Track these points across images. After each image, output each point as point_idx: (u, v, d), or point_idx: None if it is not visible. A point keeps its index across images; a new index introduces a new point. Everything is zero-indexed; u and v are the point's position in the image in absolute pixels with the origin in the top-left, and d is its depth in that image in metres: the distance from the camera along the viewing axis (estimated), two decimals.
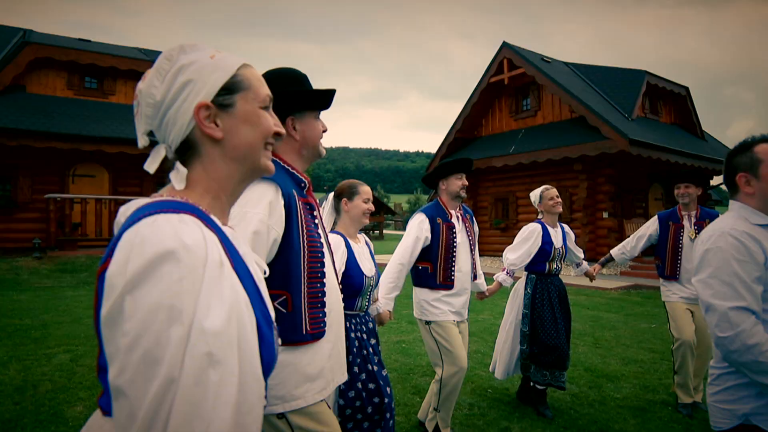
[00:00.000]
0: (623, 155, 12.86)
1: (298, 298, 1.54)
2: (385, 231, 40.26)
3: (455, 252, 3.13)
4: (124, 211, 0.83)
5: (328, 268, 1.64)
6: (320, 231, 1.64)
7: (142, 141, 0.90)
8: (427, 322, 3.15)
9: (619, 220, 14.03)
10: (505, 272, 3.74)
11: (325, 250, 1.64)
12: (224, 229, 0.86)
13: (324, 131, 1.74)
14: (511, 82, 15.78)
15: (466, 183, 3.27)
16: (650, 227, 4.12)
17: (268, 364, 0.83)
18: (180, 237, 0.71)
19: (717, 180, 18.35)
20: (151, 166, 0.88)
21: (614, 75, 15.88)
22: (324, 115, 1.78)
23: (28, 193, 12.94)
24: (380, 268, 2.65)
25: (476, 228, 3.46)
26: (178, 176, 0.87)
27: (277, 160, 1.61)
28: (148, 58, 14.93)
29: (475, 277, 3.35)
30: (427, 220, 3.16)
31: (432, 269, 3.11)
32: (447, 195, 3.26)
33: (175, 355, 0.65)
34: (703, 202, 17.87)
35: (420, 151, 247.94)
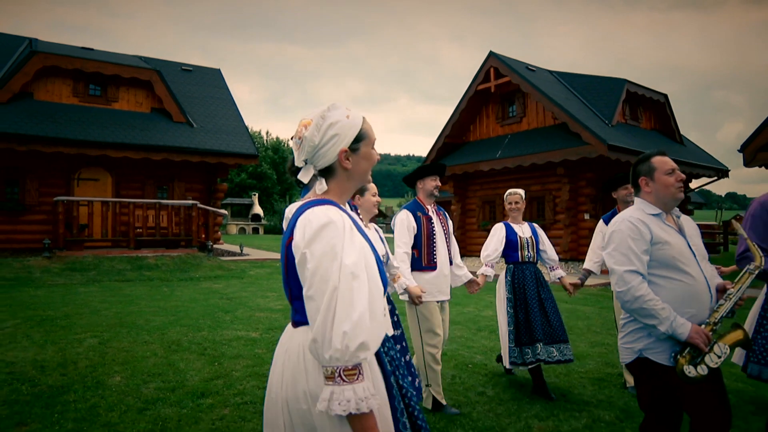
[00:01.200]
0: (603, 159, 13.61)
1: None
2: None
3: (435, 239, 3.80)
4: (291, 209, 1.46)
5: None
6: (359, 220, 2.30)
7: (300, 164, 1.48)
8: (414, 305, 3.80)
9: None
10: (485, 266, 4.39)
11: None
12: (349, 213, 1.48)
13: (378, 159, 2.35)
14: (498, 89, 16.53)
15: (439, 184, 3.92)
16: (602, 230, 4.66)
17: (384, 280, 1.46)
18: (329, 216, 1.33)
19: (696, 183, 19.21)
20: (304, 177, 1.47)
21: (596, 83, 16.67)
22: None
23: (35, 196, 13.48)
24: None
25: (449, 222, 4.12)
26: (321, 186, 1.47)
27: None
28: (149, 66, 15.52)
29: (451, 262, 4.01)
30: (410, 213, 3.83)
31: (418, 254, 3.77)
32: (423, 193, 3.92)
33: (335, 275, 1.27)
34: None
35: (411, 154, 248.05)
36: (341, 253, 1.29)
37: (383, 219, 45.70)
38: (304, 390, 1.35)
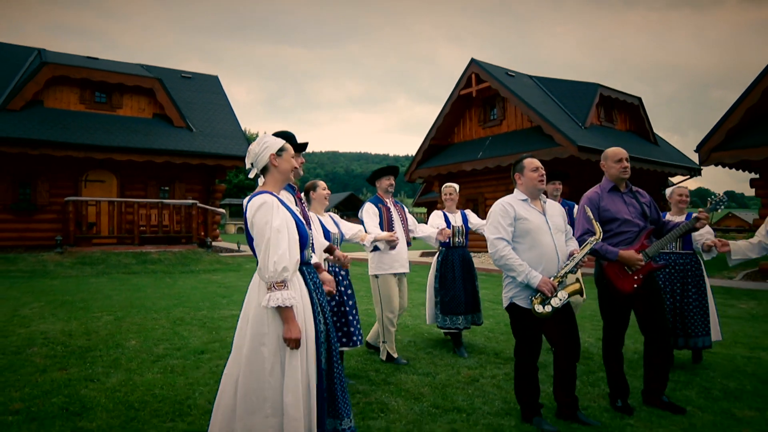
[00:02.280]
0: (574, 159, 14.60)
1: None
2: None
3: (393, 225, 4.80)
4: (247, 199, 2.46)
5: (314, 231, 3.32)
6: (305, 209, 3.29)
7: (248, 166, 2.52)
8: (375, 276, 4.81)
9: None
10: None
11: (310, 219, 3.30)
12: (280, 197, 2.49)
13: (303, 162, 3.36)
14: (479, 94, 17.54)
15: (392, 182, 4.90)
16: None
17: (304, 238, 2.47)
18: (264, 199, 2.34)
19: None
20: (251, 174, 2.52)
21: (571, 87, 17.68)
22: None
23: (46, 196, 14.48)
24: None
25: (406, 212, 5.11)
26: (261, 181, 2.50)
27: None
28: (151, 74, 16.52)
29: (409, 244, 5.00)
30: (372, 205, 4.83)
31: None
32: (381, 190, 4.92)
33: (268, 231, 2.28)
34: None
35: (409, 155, 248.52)
36: (271, 220, 2.31)
37: None
38: (257, 298, 2.35)
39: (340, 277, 4.17)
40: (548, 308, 3.20)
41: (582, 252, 3.35)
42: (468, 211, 5.60)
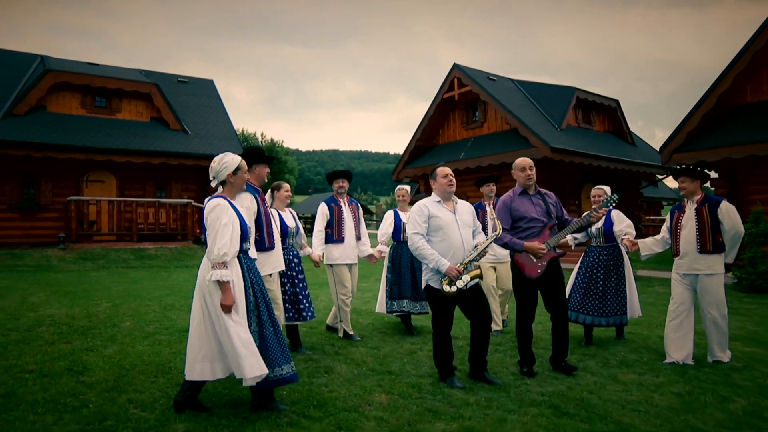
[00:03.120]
0: (549, 160, 15.42)
1: (270, 234, 4.04)
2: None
3: (344, 222, 5.63)
4: (207, 201, 3.31)
5: (274, 228, 4.15)
6: (267, 210, 4.13)
7: (211, 179, 3.40)
8: (330, 266, 5.65)
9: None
10: (380, 244, 6.17)
11: (271, 218, 4.14)
12: (233, 202, 3.35)
13: (268, 172, 4.20)
14: (461, 97, 18.36)
15: (343, 184, 5.71)
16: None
17: (245, 233, 3.33)
18: (218, 201, 3.21)
19: (668, 178, 20.99)
20: (213, 185, 3.40)
21: (549, 90, 18.50)
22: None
23: (49, 196, 15.33)
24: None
25: (360, 210, 5.94)
26: (219, 190, 3.37)
27: (251, 183, 4.08)
28: (148, 79, 17.36)
29: (359, 238, 5.83)
30: (326, 205, 5.66)
31: (331, 231, 5.60)
32: (335, 191, 5.75)
33: (218, 226, 3.14)
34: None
35: None
36: (221, 217, 3.15)
37: (370, 216, 47.57)
38: (205, 274, 3.19)
39: (294, 264, 5.02)
40: (454, 288, 4.02)
41: (484, 244, 4.18)
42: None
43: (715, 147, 12.03)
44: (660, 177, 19.74)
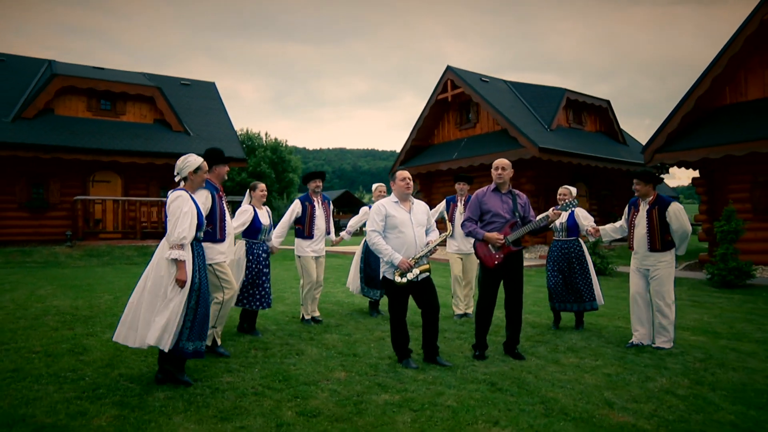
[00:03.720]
0: (536, 159, 15.89)
1: (222, 228, 4.59)
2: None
3: (315, 219, 6.18)
4: (171, 191, 3.89)
5: (228, 219, 4.71)
6: (223, 205, 4.67)
7: (176, 174, 3.99)
8: (299, 257, 6.21)
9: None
10: (346, 232, 6.76)
11: (226, 212, 4.69)
12: (194, 195, 3.94)
13: (227, 171, 4.76)
14: (455, 99, 18.85)
15: (319, 184, 6.26)
16: (440, 208, 7.01)
17: (200, 224, 3.90)
18: (179, 193, 3.81)
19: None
20: (177, 179, 3.98)
21: (541, 92, 18.95)
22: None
23: (57, 195, 16.00)
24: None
25: (331, 207, 6.50)
26: (182, 184, 3.95)
27: (210, 180, 4.64)
28: (152, 83, 17.97)
29: (328, 233, 6.39)
30: (300, 202, 6.21)
31: (302, 227, 6.16)
32: (310, 190, 6.29)
33: (179, 214, 3.73)
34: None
35: None
36: (182, 206, 3.72)
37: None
38: (161, 254, 3.76)
39: (262, 258, 5.58)
40: (405, 279, 4.55)
41: (435, 242, 4.70)
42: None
43: (693, 147, 12.47)
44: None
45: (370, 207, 6.79)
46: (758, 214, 12.30)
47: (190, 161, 4.03)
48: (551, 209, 5.12)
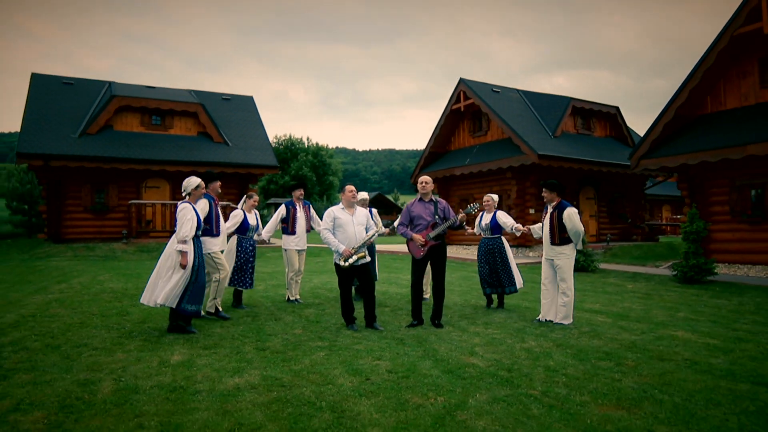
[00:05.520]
0: (537, 165, 17.19)
1: (217, 226, 6.49)
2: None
3: (297, 219, 7.99)
4: (179, 203, 5.81)
5: (222, 220, 6.61)
6: (217, 210, 6.56)
7: (182, 191, 5.93)
8: (285, 250, 8.03)
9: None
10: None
11: (221, 215, 6.58)
12: (195, 205, 5.85)
13: (220, 186, 6.65)
14: (467, 109, 20.34)
15: (302, 192, 8.08)
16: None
17: (199, 226, 5.79)
18: (185, 204, 5.71)
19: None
20: (183, 194, 5.90)
21: (549, 100, 20.18)
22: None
23: (115, 200, 18.58)
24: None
25: (312, 211, 8.29)
26: (187, 197, 5.87)
27: (208, 192, 6.55)
28: (196, 99, 20.36)
29: (308, 231, 8.18)
30: (285, 207, 8.04)
31: (287, 225, 7.99)
32: (295, 197, 8.11)
33: (184, 220, 5.63)
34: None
35: None
36: (186, 214, 5.61)
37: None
38: (172, 245, 5.66)
39: (249, 250, 7.42)
40: (347, 264, 6.28)
41: (367, 237, 6.40)
42: (374, 211, 8.60)
43: (673, 154, 13.55)
44: (657, 179, 20.92)
45: (310, 208, 8.55)
46: (735, 216, 13.26)
47: (192, 182, 5.90)
48: (460, 212, 6.73)
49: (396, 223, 6.89)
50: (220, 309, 6.81)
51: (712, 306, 8.40)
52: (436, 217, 6.65)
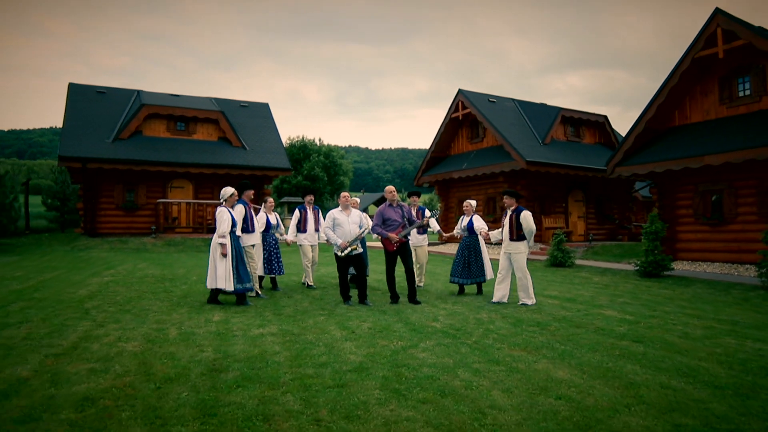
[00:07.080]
0: (526, 171, 18.83)
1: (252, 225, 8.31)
2: None
3: (308, 220, 9.78)
4: (217, 206, 7.63)
5: (255, 220, 8.44)
6: (251, 212, 8.38)
7: (220, 197, 7.74)
8: (300, 245, 9.82)
9: (538, 216, 19.97)
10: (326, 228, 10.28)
11: (254, 216, 8.40)
12: (231, 209, 7.66)
13: (253, 193, 8.47)
14: (465, 117, 22.02)
15: (312, 198, 9.86)
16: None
17: (234, 225, 7.60)
18: (222, 208, 7.52)
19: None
20: (221, 199, 7.71)
21: (541, 110, 21.82)
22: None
23: (144, 199, 20.55)
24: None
25: (320, 214, 10.08)
26: (224, 202, 7.69)
27: (243, 199, 8.36)
28: (217, 107, 22.28)
29: (316, 230, 9.96)
30: (299, 210, 9.84)
31: (300, 225, 9.78)
32: (306, 201, 9.91)
33: (222, 220, 7.44)
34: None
35: None
36: (224, 215, 7.41)
37: None
38: (216, 240, 7.48)
39: (273, 245, 9.21)
40: (343, 254, 8.04)
41: (359, 233, 8.15)
42: (364, 214, 10.37)
43: (642, 163, 15.15)
44: (646, 183, 22.44)
45: (318, 211, 10.32)
46: (698, 218, 14.83)
47: (227, 191, 7.65)
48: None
49: (370, 225, 8.60)
50: (260, 291, 8.65)
51: (655, 294, 9.98)
52: (404, 219, 8.39)
